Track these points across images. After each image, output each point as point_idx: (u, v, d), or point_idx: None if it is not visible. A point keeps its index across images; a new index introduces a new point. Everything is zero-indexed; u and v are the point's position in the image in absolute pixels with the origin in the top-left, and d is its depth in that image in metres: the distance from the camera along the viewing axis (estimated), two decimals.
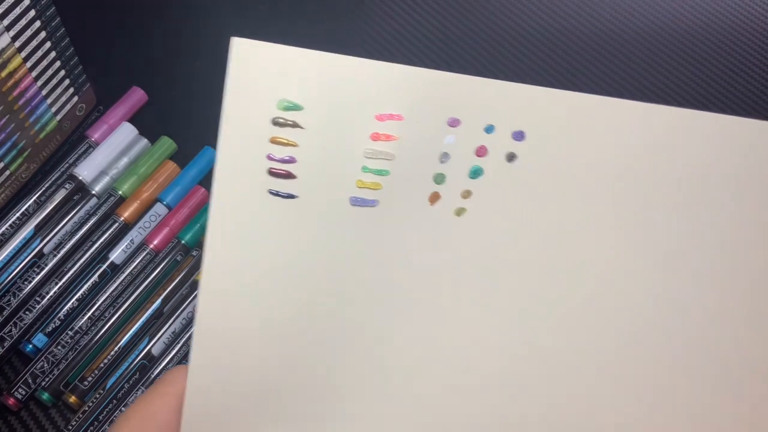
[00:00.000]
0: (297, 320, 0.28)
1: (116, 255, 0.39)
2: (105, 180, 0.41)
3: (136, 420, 0.26)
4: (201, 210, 0.40)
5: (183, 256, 0.39)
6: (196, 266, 0.39)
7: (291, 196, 0.27)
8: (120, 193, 0.40)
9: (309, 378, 0.28)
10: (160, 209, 0.40)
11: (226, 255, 0.27)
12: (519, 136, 0.27)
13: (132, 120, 0.43)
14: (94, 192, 0.40)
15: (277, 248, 0.27)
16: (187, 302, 0.37)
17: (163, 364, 0.36)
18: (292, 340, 0.28)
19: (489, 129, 0.27)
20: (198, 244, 0.39)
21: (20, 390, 0.35)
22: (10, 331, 0.36)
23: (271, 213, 0.27)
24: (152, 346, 0.36)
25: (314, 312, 0.28)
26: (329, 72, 0.26)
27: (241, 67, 0.26)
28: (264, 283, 0.27)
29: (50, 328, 0.37)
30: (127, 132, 0.42)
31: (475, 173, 0.27)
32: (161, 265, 0.39)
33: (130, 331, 0.37)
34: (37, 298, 0.37)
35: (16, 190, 0.41)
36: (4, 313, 0.37)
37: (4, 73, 0.36)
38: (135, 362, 0.36)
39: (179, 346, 0.36)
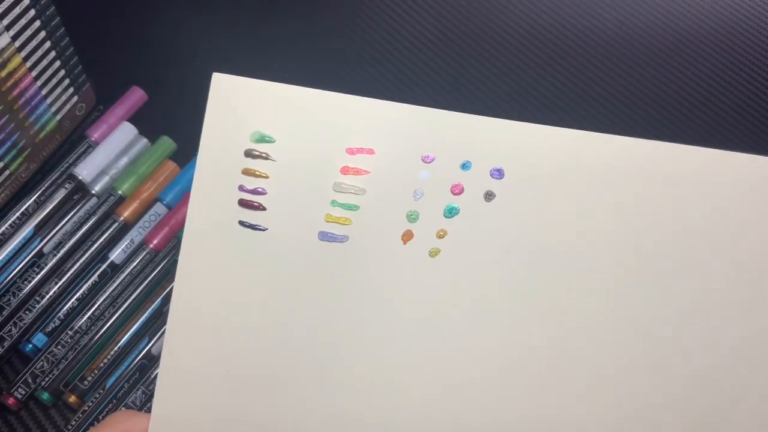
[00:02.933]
0: (262, 354, 0.27)
1: (116, 255, 0.39)
2: (105, 180, 0.41)
3: None
4: None
5: None
6: None
7: (260, 228, 0.27)
8: (120, 192, 0.40)
9: (274, 414, 0.27)
10: (159, 209, 0.40)
11: (196, 284, 0.27)
12: (497, 173, 0.26)
13: (132, 120, 0.43)
14: (93, 192, 0.40)
15: (245, 280, 0.27)
16: None
17: None
18: (258, 377, 0.27)
19: (466, 165, 0.26)
20: None
21: (20, 390, 0.35)
22: (10, 330, 0.36)
23: (240, 244, 0.27)
24: (152, 346, 0.36)
25: (280, 348, 0.27)
26: (301, 105, 0.26)
27: (220, 100, 0.27)
28: (231, 316, 0.27)
29: (50, 328, 0.37)
30: (126, 132, 0.42)
31: (451, 212, 0.26)
32: (161, 265, 0.38)
33: (130, 331, 0.37)
34: (37, 298, 0.37)
35: (16, 189, 0.41)
36: (4, 312, 0.37)
37: (3, 73, 0.36)
38: (135, 362, 0.36)
39: None
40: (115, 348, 0.36)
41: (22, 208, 0.39)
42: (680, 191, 0.27)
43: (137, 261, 0.38)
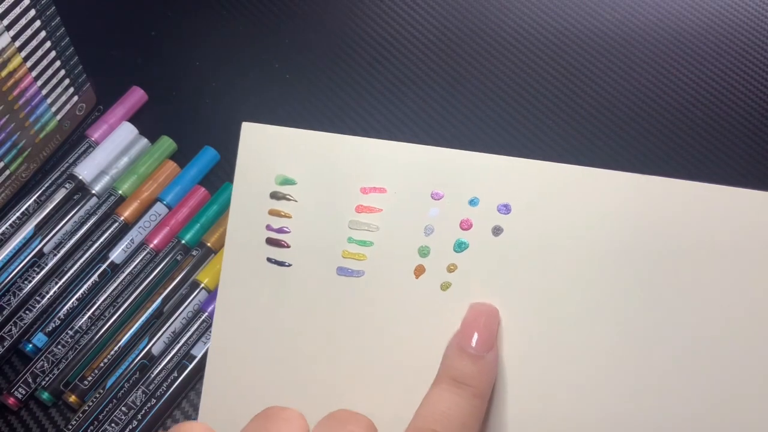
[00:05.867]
0: (289, 380, 0.28)
1: (116, 254, 0.39)
2: (105, 179, 0.41)
3: None
4: (201, 210, 0.40)
5: (183, 256, 0.39)
6: (197, 266, 0.39)
7: (285, 265, 0.28)
8: (120, 192, 0.40)
9: None
10: (160, 209, 0.40)
11: (233, 315, 0.28)
12: (504, 209, 0.27)
13: (132, 119, 0.43)
14: (94, 191, 0.40)
15: (273, 313, 0.28)
16: (187, 302, 0.37)
17: (163, 363, 0.36)
18: (287, 398, 0.28)
19: (473, 202, 0.27)
20: (198, 243, 0.39)
21: (20, 389, 0.35)
22: (10, 330, 0.37)
23: (269, 279, 0.28)
24: (152, 346, 0.37)
25: (303, 377, 0.28)
26: (318, 148, 0.28)
27: (249, 147, 0.29)
28: (263, 344, 0.28)
29: (50, 328, 0.37)
30: (127, 131, 0.42)
31: (460, 246, 0.27)
32: (161, 265, 0.39)
33: (130, 331, 0.37)
34: (37, 298, 0.37)
35: (16, 189, 0.41)
36: (4, 312, 0.37)
37: (4, 73, 0.36)
38: (135, 362, 0.36)
39: (179, 345, 0.36)
40: (116, 348, 0.36)
41: (23, 208, 0.39)
42: (686, 228, 0.27)
43: (137, 261, 0.38)
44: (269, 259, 0.28)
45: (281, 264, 0.28)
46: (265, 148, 0.29)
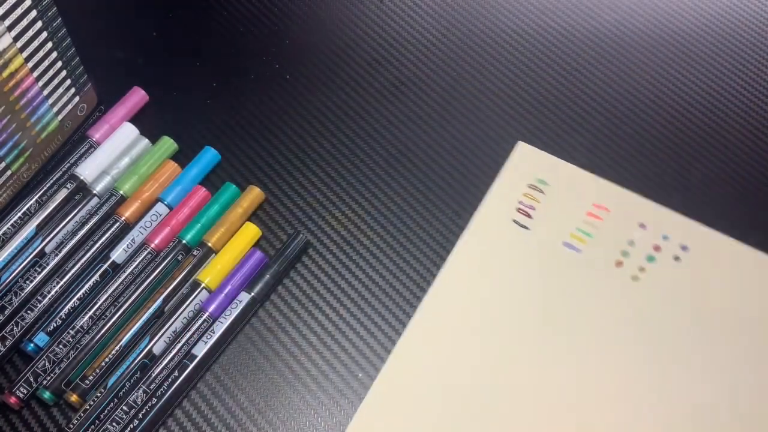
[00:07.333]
0: (504, 319, 0.38)
1: (117, 254, 0.39)
2: (106, 180, 0.41)
3: None
4: (202, 210, 0.40)
5: (184, 256, 0.39)
6: (198, 265, 0.39)
7: (525, 227, 0.40)
8: (121, 192, 0.40)
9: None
10: (161, 209, 0.40)
11: (468, 267, 0.39)
12: (684, 248, 0.40)
13: (133, 120, 0.43)
14: (95, 192, 0.40)
15: (506, 269, 0.39)
16: (188, 302, 0.38)
17: (164, 362, 0.36)
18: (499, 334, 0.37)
19: (665, 237, 0.40)
20: (199, 243, 0.39)
21: (22, 389, 0.36)
22: (12, 330, 0.37)
23: (510, 237, 0.40)
24: (153, 345, 0.37)
25: (519, 323, 0.38)
26: (573, 175, 0.42)
27: (518, 158, 0.42)
28: (495, 291, 0.38)
29: (51, 327, 0.37)
30: (128, 132, 0.42)
31: (650, 259, 0.39)
32: (162, 265, 0.39)
33: (131, 330, 0.37)
34: (39, 297, 0.37)
35: (18, 189, 0.41)
36: (6, 312, 0.37)
37: (5, 74, 0.36)
38: (136, 361, 0.36)
39: (180, 345, 0.37)
40: (117, 347, 0.37)
41: (24, 208, 0.40)
42: None
43: (138, 261, 0.39)
44: (515, 221, 0.40)
45: (522, 226, 0.40)
46: (530, 160, 0.42)
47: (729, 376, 0.36)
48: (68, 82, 0.41)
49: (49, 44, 0.38)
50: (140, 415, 0.35)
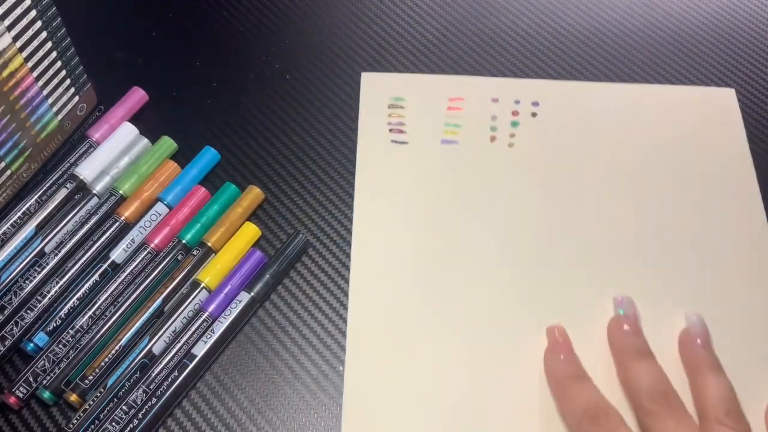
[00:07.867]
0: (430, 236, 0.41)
1: (117, 254, 0.39)
2: (106, 179, 0.41)
3: None
4: (201, 209, 0.40)
5: (183, 256, 0.39)
6: (197, 265, 0.39)
7: (404, 143, 0.44)
8: (121, 192, 0.40)
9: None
10: (160, 209, 0.40)
11: (371, 188, 0.42)
12: (536, 104, 0.45)
13: (132, 120, 0.43)
14: (94, 191, 0.40)
15: (406, 179, 0.42)
16: (188, 301, 0.38)
17: (164, 362, 0.36)
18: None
19: (517, 101, 0.45)
20: (199, 243, 0.39)
21: (21, 389, 0.36)
22: (12, 329, 0.37)
23: (392, 155, 0.43)
24: (153, 345, 0.37)
25: (434, 231, 0.41)
26: (422, 83, 0.46)
27: (369, 85, 0.46)
28: (404, 212, 0.41)
29: (51, 327, 0.37)
30: (127, 132, 0.42)
31: (514, 124, 0.44)
32: (162, 265, 0.39)
33: (131, 330, 0.37)
34: (39, 297, 0.37)
35: (18, 189, 0.41)
36: (6, 312, 0.37)
37: (5, 74, 0.36)
38: (136, 361, 0.36)
39: (179, 344, 0.37)
40: (116, 347, 0.37)
41: (24, 208, 0.39)
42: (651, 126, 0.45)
43: (138, 260, 0.39)
44: (393, 141, 0.43)
45: (401, 143, 0.43)
46: (382, 84, 0.46)
47: (632, 195, 0.42)
48: (68, 81, 0.41)
49: (49, 44, 0.38)
50: (140, 415, 0.35)
